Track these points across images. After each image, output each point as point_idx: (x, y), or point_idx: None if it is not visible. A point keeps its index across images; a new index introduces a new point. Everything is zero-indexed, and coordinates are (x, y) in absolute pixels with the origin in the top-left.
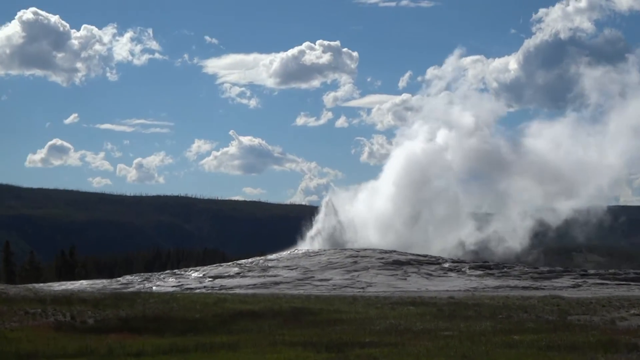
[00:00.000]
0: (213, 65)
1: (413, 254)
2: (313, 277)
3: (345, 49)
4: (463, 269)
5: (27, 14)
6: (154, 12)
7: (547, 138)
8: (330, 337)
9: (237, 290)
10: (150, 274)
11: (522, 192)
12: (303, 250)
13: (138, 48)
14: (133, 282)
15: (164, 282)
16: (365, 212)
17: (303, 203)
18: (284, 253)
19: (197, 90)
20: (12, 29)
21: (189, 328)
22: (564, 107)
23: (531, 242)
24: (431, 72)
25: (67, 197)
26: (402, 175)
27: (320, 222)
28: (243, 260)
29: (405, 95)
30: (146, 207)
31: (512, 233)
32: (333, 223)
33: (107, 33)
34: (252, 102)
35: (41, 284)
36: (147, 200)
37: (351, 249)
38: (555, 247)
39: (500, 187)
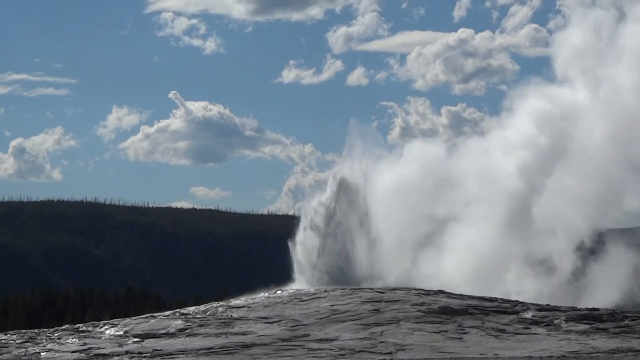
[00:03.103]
0: None
1: (474, 297)
2: (307, 335)
3: None
4: (556, 322)
5: None
6: None
7: None
8: None
9: (182, 359)
10: (36, 330)
11: None
12: (290, 291)
13: None
14: (8, 344)
15: (60, 345)
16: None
17: (291, 213)
18: (259, 296)
19: (116, 24)
20: None
21: None
22: None
23: None
24: None
25: None
26: None
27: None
28: (191, 308)
29: (463, 32)
30: (30, 219)
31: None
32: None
33: None
34: (209, 45)
35: None
36: (31, 209)
37: (370, 289)
38: None
39: None
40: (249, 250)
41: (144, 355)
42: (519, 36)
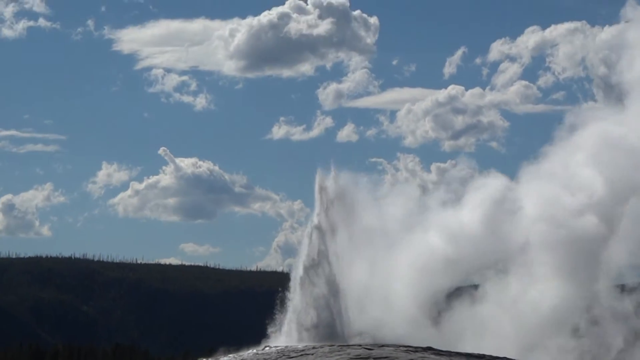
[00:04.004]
0: (132, 38)
1: (462, 354)
2: None
3: (356, 12)
4: None
5: None
6: None
7: None
8: None
9: None
10: None
11: None
12: (278, 348)
13: (11, 10)
14: None
15: None
16: None
17: (280, 269)
18: (248, 352)
19: (106, 80)
20: None
21: None
22: None
23: None
24: (498, 48)
25: None
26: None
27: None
28: None
29: (453, 89)
30: (18, 276)
31: None
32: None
33: None
34: (199, 102)
35: None
36: (19, 265)
37: (358, 346)
38: None
39: None
40: (237, 306)
41: None
42: (509, 93)
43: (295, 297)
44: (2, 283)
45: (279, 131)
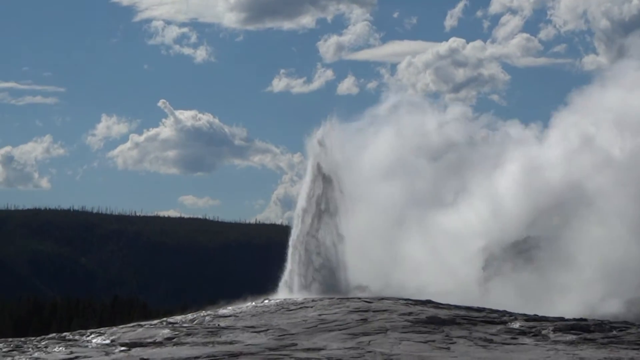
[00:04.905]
0: None
1: (461, 307)
2: (295, 344)
3: None
4: (544, 332)
5: None
6: None
7: None
8: None
9: None
10: (22, 339)
11: None
12: (278, 300)
13: None
14: None
15: (47, 354)
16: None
17: (279, 222)
18: (247, 305)
19: (105, 32)
20: None
21: None
22: None
23: None
24: (499, 1)
25: None
26: None
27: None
28: (179, 317)
29: (454, 41)
30: (17, 228)
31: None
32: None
33: None
34: (199, 54)
35: None
36: (18, 218)
37: (357, 299)
38: None
39: None
40: (236, 259)
41: None
42: (510, 46)
43: (295, 249)
44: (0, 235)
45: (279, 84)
